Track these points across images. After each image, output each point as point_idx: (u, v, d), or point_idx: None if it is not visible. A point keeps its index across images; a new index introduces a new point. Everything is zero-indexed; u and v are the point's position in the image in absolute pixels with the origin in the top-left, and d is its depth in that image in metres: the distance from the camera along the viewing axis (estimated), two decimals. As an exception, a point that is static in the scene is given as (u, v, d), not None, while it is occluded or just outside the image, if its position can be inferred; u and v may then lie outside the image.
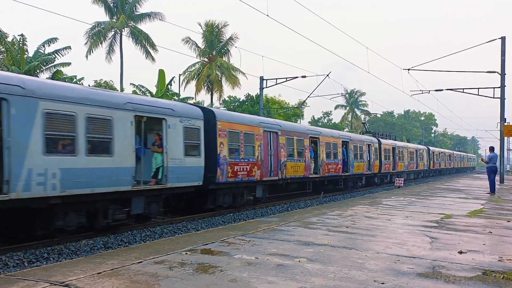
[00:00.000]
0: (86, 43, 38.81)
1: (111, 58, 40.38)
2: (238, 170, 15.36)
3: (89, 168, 9.99)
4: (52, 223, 9.63)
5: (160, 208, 12.66)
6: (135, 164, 11.20)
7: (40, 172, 8.99)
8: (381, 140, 31.40)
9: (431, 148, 49.11)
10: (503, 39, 26.48)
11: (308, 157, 20.28)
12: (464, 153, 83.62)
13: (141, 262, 5.90)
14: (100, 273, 5.32)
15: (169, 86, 37.76)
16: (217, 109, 16.92)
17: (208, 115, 14.35)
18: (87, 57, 38.87)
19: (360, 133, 31.86)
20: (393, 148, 33.49)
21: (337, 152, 23.48)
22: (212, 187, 14.30)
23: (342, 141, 24.53)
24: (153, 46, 39.68)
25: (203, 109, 14.65)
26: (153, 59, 40.15)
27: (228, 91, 52.43)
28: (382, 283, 5.02)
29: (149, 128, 12.75)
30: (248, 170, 15.88)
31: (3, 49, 31.90)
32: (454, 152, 68.17)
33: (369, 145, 28.30)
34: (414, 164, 39.41)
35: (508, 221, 10.62)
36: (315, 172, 21.27)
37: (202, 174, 13.57)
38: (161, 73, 37.01)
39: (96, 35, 38.74)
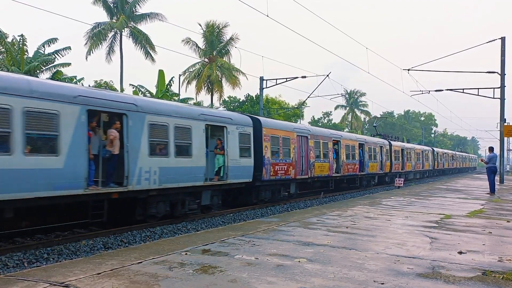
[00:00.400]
0: (86, 43, 38.81)
1: (111, 58, 40.40)
2: (278, 169, 17.98)
3: (176, 167, 12.49)
4: (148, 210, 12.09)
5: (219, 201, 15.13)
6: (206, 164, 13.69)
7: (146, 170, 11.51)
8: (391, 142, 34.04)
9: (435, 149, 51.41)
10: (503, 39, 26.49)
11: (331, 158, 22.96)
12: (466, 154, 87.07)
13: (141, 262, 5.91)
14: (100, 273, 5.32)
15: (168, 86, 37.79)
16: (262, 118, 19.14)
17: (256, 123, 16.94)
18: (86, 58, 38.88)
19: (371, 136, 34.69)
20: (402, 150, 36.11)
21: (354, 153, 26.13)
22: (258, 183, 16.78)
23: (359, 143, 27.10)
24: (152, 47, 39.65)
25: (252, 117, 17.19)
26: (153, 59, 40.15)
27: (228, 91, 52.52)
28: (382, 284, 5.03)
29: (211, 134, 14.77)
30: (285, 169, 18.52)
31: (3, 49, 31.89)
32: (457, 152, 70.99)
33: (381, 147, 30.96)
34: (420, 164, 41.99)
35: (507, 222, 10.63)
36: (336, 172, 23.68)
37: (252, 172, 16.21)
38: (161, 73, 37.06)
39: (96, 35, 38.73)
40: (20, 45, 31.09)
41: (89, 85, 33.37)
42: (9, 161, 8.56)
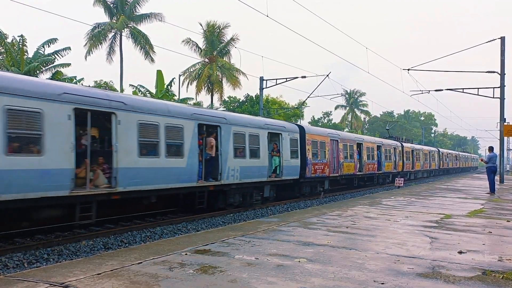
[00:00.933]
0: (85, 44, 38.77)
1: (111, 58, 40.34)
2: (317, 168, 21.36)
3: (250, 166, 16.04)
4: (228, 200, 15.41)
5: (274, 194, 18.54)
6: (268, 163, 17.26)
7: (232, 169, 15.03)
8: (403, 144, 37.85)
9: (441, 150, 55.76)
10: (502, 39, 26.49)
11: (356, 159, 26.21)
12: (468, 154, 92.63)
13: (141, 262, 5.91)
14: (100, 274, 5.32)
15: (169, 87, 37.81)
16: (305, 126, 22.88)
17: (301, 130, 20.45)
18: (86, 58, 38.87)
19: (383, 138, 38.38)
20: (412, 151, 39.67)
21: (374, 154, 29.61)
22: (302, 180, 20.20)
23: (377, 145, 30.64)
24: (151, 47, 39.63)
25: (298, 126, 20.99)
26: (152, 60, 40.11)
27: (228, 91, 52.47)
28: (382, 283, 5.03)
29: (269, 139, 17.75)
30: (322, 168, 21.89)
31: (3, 50, 31.88)
32: (460, 153, 76.34)
33: (395, 148, 34.66)
34: (428, 164, 45.96)
35: (507, 221, 10.63)
36: (359, 170, 26.97)
37: (299, 171, 19.67)
38: (159, 74, 37.15)
39: (96, 36, 38.72)
40: (20, 45, 31.09)
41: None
42: (157, 162, 11.95)
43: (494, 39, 26.56)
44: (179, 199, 14.56)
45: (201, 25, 43.47)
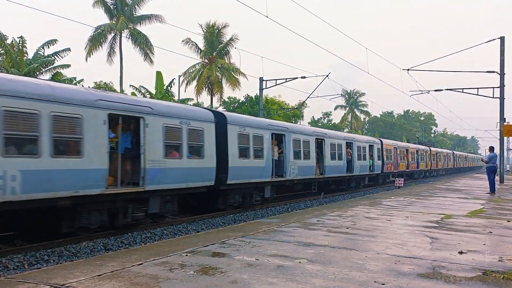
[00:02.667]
0: (86, 47, 38.71)
1: (112, 60, 40.27)
2: (388, 167, 31.80)
3: (304, 166, 20.13)
4: (291, 191, 21.03)
5: (323, 188, 23.40)
6: (315, 163, 21.39)
7: (293, 168, 18.95)
8: (430, 148, 48.31)
9: (455, 152, 69.36)
10: (502, 39, 26.49)
11: (406, 160, 37.40)
12: (474, 155, 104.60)
13: (141, 264, 5.90)
14: (100, 275, 5.32)
15: (169, 87, 37.82)
16: (383, 139, 32.96)
17: (381, 141, 31.66)
18: (86, 59, 38.86)
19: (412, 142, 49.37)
20: (436, 153, 50.93)
21: (414, 157, 40.41)
22: (381, 174, 30.57)
23: (416, 150, 41.28)
24: (150, 49, 39.62)
25: (379, 139, 32.25)
26: (151, 61, 40.06)
27: (228, 92, 52.48)
28: (383, 284, 5.03)
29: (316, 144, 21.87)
30: (390, 167, 32.39)
31: (3, 51, 31.89)
32: (468, 154, 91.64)
33: (425, 151, 44.89)
34: (446, 164, 57.05)
35: (508, 221, 10.63)
36: (407, 168, 37.82)
37: (381, 168, 30.20)
38: (159, 74, 37.20)
39: (96, 37, 38.70)
40: (20, 46, 31.10)
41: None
42: (247, 162, 16.00)
43: (493, 39, 26.57)
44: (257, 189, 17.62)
45: (201, 26, 43.48)
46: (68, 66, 33.71)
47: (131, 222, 11.46)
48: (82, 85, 34.13)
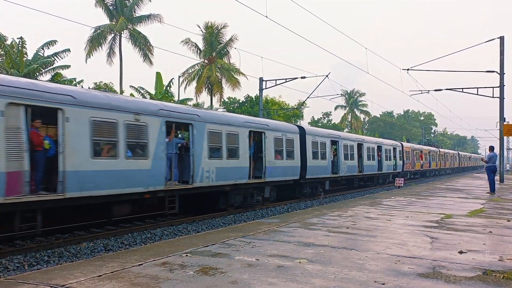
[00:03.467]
0: (85, 47, 38.67)
1: (112, 60, 40.20)
2: (408, 166, 38.05)
3: (350, 165, 25.52)
4: (340, 184, 26.96)
5: (359, 183, 29.03)
6: (357, 163, 26.53)
7: (343, 167, 24.11)
8: (440, 149, 55.42)
9: (460, 152, 76.60)
10: (501, 38, 26.49)
11: (420, 159, 43.46)
12: (477, 155, 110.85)
13: (141, 264, 5.90)
14: (100, 275, 5.32)
15: (168, 88, 37.82)
16: (404, 142, 40.09)
17: (402, 145, 37.67)
18: (86, 60, 38.81)
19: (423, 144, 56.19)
20: (444, 154, 56.88)
21: (428, 157, 47.28)
22: (401, 172, 35.46)
23: (428, 151, 47.90)
24: (150, 50, 39.60)
25: (400, 142, 37.39)
26: (150, 62, 40.01)
27: (228, 92, 52.50)
28: (383, 284, 5.03)
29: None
30: (409, 166, 38.26)
31: (2, 52, 31.89)
32: (472, 154, 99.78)
33: (435, 152, 51.85)
34: (452, 163, 63.47)
35: (508, 221, 10.63)
36: (421, 167, 43.98)
37: (402, 167, 35.64)
38: (158, 75, 37.23)
39: (96, 38, 38.67)
40: (19, 47, 31.09)
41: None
42: (317, 162, 21.17)
43: (493, 39, 26.56)
44: (320, 183, 22.96)
45: (199, 27, 43.48)
46: (68, 67, 33.71)
47: (254, 203, 17.07)
48: (82, 86, 34.14)
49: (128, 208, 11.84)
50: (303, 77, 30.35)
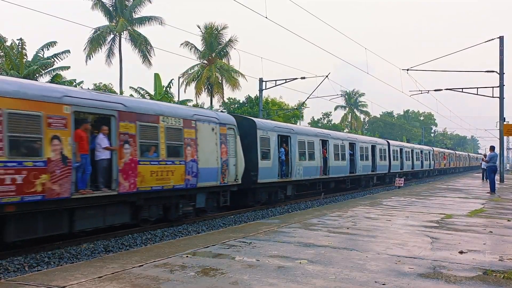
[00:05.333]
0: (85, 48, 38.64)
1: (111, 61, 40.18)
2: (434, 164, 49.06)
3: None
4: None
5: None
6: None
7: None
8: (456, 152, 65.95)
9: (470, 154, 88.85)
10: (501, 38, 26.48)
11: (439, 160, 51.11)
12: (478, 155, 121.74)
13: (142, 265, 5.91)
14: (101, 277, 5.32)
15: (168, 88, 37.83)
16: (434, 147, 51.57)
17: (431, 149, 48.58)
18: (86, 62, 38.78)
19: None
20: (457, 155, 65.59)
21: (447, 158, 56.35)
22: (428, 170, 46.43)
23: (448, 153, 58.01)
24: (149, 51, 39.56)
25: (428, 146, 50.35)
26: (150, 63, 39.96)
27: (228, 92, 52.55)
28: (383, 284, 5.03)
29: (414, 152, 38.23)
30: (433, 164, 48.04)
31: (2, 53, 31.88)
32: (479, 155, 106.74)
33: (451, 154, 59.49)
34: (463, 163, 71.90)
35: (508, 221, 10.63)
36: (438, 166, 51.23)
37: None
38: (157, 77, 37.31)
39: (95, 39, 38.66)
40: (19, 48, 31.09)
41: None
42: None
43: (493, 39, 26.55)
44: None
45: (199, 27, 43.48)
46: (67, 68, 33.68)
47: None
48: (82, 87, 34.12)
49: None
50: (303, 78, 30.32)
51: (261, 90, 31.85)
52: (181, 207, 12.92)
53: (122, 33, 39.12)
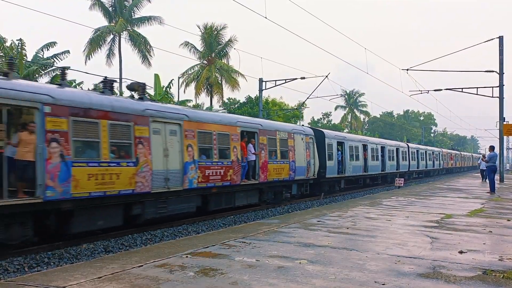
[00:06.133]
0: (84, 49, 38.61)
1: (111, 61, 40.13)
2: (435, 165, 51.79)
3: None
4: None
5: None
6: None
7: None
8: (461, 152, 73.81)
9: (473, 154, 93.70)
10: (500, 38, 26.48)
11: (447, 160, 58.11)
12: (478, 155, 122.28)
13: (141, 266, 5.91)
14: (100, 277, 5.32)
15: (168, 89, 37.82)
16: (443, 149, 61.59)
17: (440, 150, 56.46)
18: (85, 62, 38.76)
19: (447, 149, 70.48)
20: (463, 155, 73.55)
21: (455, 158, 64.56)
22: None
23: (454, 154, 63.86)
24: (149, 51, 39.55)
25: (408, 144, 41.52)
26: (149, 64, 39.94)
27: (228, 93, 52.55)
28: (383, 284, 5.03)
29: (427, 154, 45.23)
30: (445, 163, 57.69)
31: (2, 54, 31.88)
32: (479, 155, 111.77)
33: (457, 155, 65.81)
34: (468, 163, 78.53)
35: (508, 220, 10.63)
36: (445, 165, 56.95)
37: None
38: (157, 77, 37.29)
39: (95, 40, 38.65)
40: (19, 49, 31.10)
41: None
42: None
43: (492, 39, 26.55)
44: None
45: (199, 27, 43.48)
46: (67, 68, 33.66)
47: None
48: (81, 88, 34.11)
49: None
50: (302, 78, 30.29)
51: (261, 90, 31.85)
52: (284, 193, 18.78)
53: (121, 33, 39.12)
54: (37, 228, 9.44)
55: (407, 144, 39.95)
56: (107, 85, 11.84)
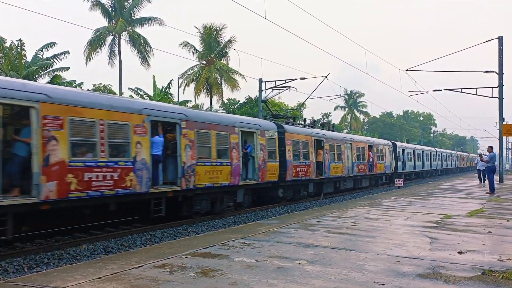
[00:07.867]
0: (84, 50, 38.59)
1: (113, 62, 40.05)
2: (443, 165, 56.25)
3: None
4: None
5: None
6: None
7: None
8: (467, 153, 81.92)
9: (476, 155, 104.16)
10: (500, 39, 26.50)
11: (454, 161, 64.11)
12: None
13: (141, 266, 5.91)
14: (100, 278, 5.32)
15: (167, 89, 37.88)
16: (443, 148, 70.56)
17: (436, 149, 56.03)
18: (86, 63, 38.73)
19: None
20: (466, 156, 79.90)
21: (462, 159, 71.93)
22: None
23: (464, 156, 75.11)
24: (148, 52, 39.57)
25: (434, 148, 53.05)
26: (148, 64, 39.93)
27: (227, 93, 52.56)
28: (383, 284, 5.03)
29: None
30: (460, 164, 68.99)
31: (1, 54, 31.89)
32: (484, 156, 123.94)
33: (462, 156, 72.07)
34: (474, 163, 78.63)
35: (507, 221, 10.64)
36: (449, 165, 59.84)
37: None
38: (154, 78, 37.37)
39: (95, 40, 38.64)
40: (18, 49, 31.11)
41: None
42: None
43: (492, 39, 26.57)
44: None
45: (197, 28, 43.48)
46: (67, 69, 33.69)
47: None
48: (81, 88, 34.12)
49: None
50: (302, 78, 30.27)
51: (260, 90, 31.85)
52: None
53: (121, 34, 39.12)
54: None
55: (433, 148, 50.11)
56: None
